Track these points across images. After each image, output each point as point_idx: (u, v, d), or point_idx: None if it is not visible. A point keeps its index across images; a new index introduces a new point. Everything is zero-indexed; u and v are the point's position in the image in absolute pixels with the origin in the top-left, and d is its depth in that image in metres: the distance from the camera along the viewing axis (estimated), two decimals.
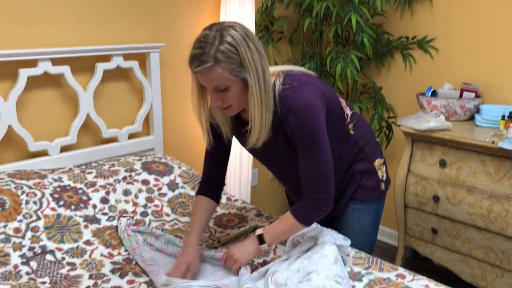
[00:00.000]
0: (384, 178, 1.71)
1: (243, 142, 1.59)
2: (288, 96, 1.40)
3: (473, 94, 2.52)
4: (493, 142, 2.14)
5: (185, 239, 1.61)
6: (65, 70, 2.07)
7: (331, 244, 1.47)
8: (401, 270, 1.53)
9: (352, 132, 1.63)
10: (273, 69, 1.48)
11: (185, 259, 1.50)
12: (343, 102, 1.63)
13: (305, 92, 1.41)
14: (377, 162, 1.69)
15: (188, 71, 1.94)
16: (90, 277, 1.54)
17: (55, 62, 2.04)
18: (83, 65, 2.16)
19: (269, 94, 1.38)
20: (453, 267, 2.43)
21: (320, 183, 1.44)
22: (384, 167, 1.73)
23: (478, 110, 2.51)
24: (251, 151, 1.62)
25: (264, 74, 1.36)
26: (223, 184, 1.72)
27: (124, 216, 1.89)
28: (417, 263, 2.81)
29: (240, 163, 2.74)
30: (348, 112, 1.63)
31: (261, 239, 1.49)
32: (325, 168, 1.44)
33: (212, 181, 1.69)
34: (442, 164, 2.36)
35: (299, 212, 1.47)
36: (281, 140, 1.48)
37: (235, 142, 1.70)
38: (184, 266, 1.48)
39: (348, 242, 1.55)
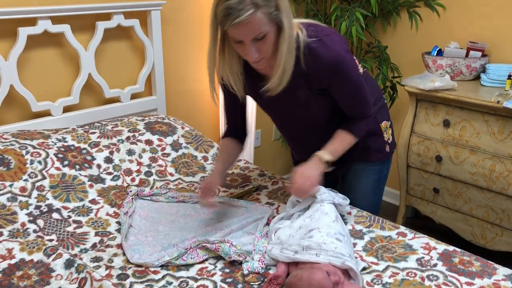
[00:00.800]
0: (389, 141, 1.71)
1: (257, 95, 1.57)
2: (318, 49, 1.39)
3: (479, 53, 2.48)
4: (498, 102, 2.12)
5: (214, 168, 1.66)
6: (66, 29, 2.04)
7: (329, 202, 1.49)
8: (402, 229, 1.55)
9: None
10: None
11: (206, 180, 1.58)
12: (356, 58, 1.61)
13: (334, 43, 1.41)
14: (384, 124, 1.69)
15: (190, 29, 1.89)
16: (96, 234, 1.58)
17: (55, 20, 2.01)
18: (83, 24, 2.13)
19: (293, 39, 1.36)
20: (454, 226, 2.47)
21: (363, 105, 1.54)
22: (391, 130, 1.73)
23: (484, 70, 2.47)
24: (264, 104, 1.62)
25: (291, 15, 1.35)
26: (246, 133, 1.75)
27: (129, 175, 1.90)
28: (418, 222, 2.85)
29: None
30: (360, 68, 1.59)
31: (321, 158, 1.50)
32: (364, 94, 1.52)
33: (235, 129, 1.72)
34: (446, 124, 2.35)
35: (353, 128, 1.54)
36: (304, 91, 1.48)
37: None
38: (204, 184, 1.55)
39: (347, 201, 1.57)
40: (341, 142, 1.54)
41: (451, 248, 1.45)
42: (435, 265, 1.37)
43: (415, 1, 2.77)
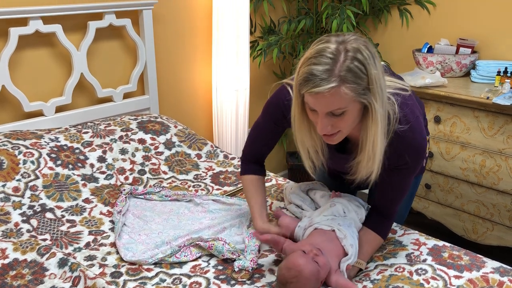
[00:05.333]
0: (427, 155, 1.58)
1: (337, 165, 1.42)
2: (407, 135, 1.24)
3: (469, 50, 2.51)
4: (487, 98, 2.15)
5: (253, 224, 1.51)
6: (57, 28, 2.04)
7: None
8: (393, 225, 1.57)
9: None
10: None
11: (263, 230, 1.43)
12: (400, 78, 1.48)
13: (420, 128, 1.28)
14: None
15: (181, 28, 1.89)
16: (90, 233, 1.58)
17: (47, 20, 2.01)
18: (75, 24, 2.13)
19: (386, 120, 1.20)
20: (445, 221, 2.49)
21: (395, 207, 1.41)
22: (428, 144, 1.60)
23: (474, 66, 2.50)
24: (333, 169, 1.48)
25: (384, 96, 1.17)
26: (264, 161, 1.60)
27: (122, 174, 1.91)
28: (410, 218, 2.85)
29: (236, 121, 2.75)
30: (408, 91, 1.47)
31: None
32: (404, 196, 1.40)
33: (256, 159, 1.57)
34: (437, 120, 2.38)
35: (381, 230, 1.42)
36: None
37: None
38: (269, 238, 1.39)
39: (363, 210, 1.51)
40: (373, 248, 1.42)
41: (440, 243, 1.47)
42: (425, 260, 1.38)
43: None
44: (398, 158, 1.28)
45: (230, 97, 2.68)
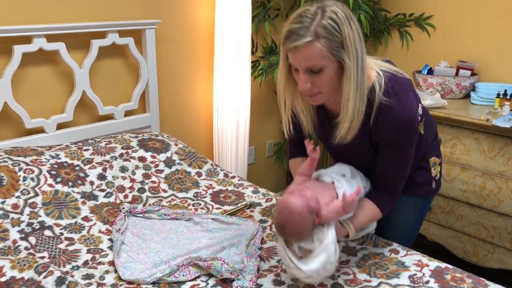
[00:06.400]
0: (437, 178, 1.63)
1: (326, 137, 1.49)
2: (393, 107, 1.31)
3: (469, 72, 2.53)
4: (487, 120, 2.16)
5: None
6: (60, 46, 2.05)
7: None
8: (395, 246, 1.56)
9: (423, 132, 1.54)
10: (369, 60, 1.37)
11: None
12: (417, 97, 1.52)
13: (409, 102, 1.33)
14: (433, 159, 1.60)
15: (183, 48, 1.90)
16: (88, 251, 1.57)
17: (50, 38, 2.02)
18: (78, 42, 2.15)
19: (364, 83, 1.27)
20: (446, 242, 2.48)
21: (397, 185, 1.44)
22: (439, 168, 1.64)
23: (474, 88, 2.52)
24: (330, 146, 1.50)
25: (363, 61, 1.25)
26: None
27: (122, 192, 1.90)
28: None
29: (237, 140, 2.75)
30: (419, 110, 1.48)
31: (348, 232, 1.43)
32: (405, 173, 1.43)
33: (298, 145, 1.63)
34: None
35: (382, 204, 1.44)
36: (367, 142, 1.41)
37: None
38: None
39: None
40: (368, 217, 1.45)
41: (443, 265, 1.46)
42: (427, 282, 1.37)
43: (406, 21, 2.83)
44: (387, 132, 1.34)
45: (231, 116, 2.69)
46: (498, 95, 2.34)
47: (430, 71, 2.61)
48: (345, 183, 1.40)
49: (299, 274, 1.27)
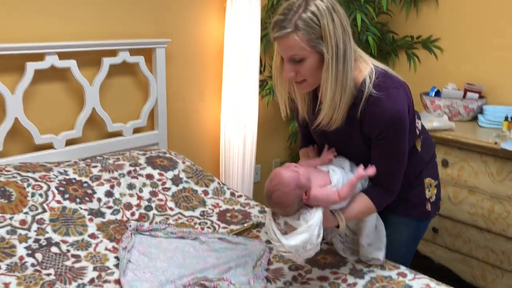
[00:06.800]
0: (432, 200, 1.61)
1: (311, 122, 1.52)
2: (382, 100, 1.35)
3: (476, 95, 2.53)
4: (495, 143, 2.15)
5: None
6: (72, 64, 2.08)
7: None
8: (403, 269, 1.55)
9: (419, 149, 1.55)
10: (363, 53, 1.44)
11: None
12: (416, 113, 1.56)
13: (398, 97, 1.36)
14: (428, 180, 1.59)
15: (193, 67, 1.91)
16: (94, 269, 1.57)
17: (62, 56, 2.05)
18: (89, 59, 2.18)
19: (346, 73, 1.32)
20: (453, 266, 2.45)
21: (393, 180, 1.46)
22: (435, 190, 1.62)
23: (481, 111, 2.52)
24: (321, 135, 1.54)
25: (345, 52, 1.30)
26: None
27: (129, 210, 1.90)
28: (417, 262, 2.80)
29: (243, 159, 2.75)
30: (418, 125, 1.53)
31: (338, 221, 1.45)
32: (399, 169, 1.45)
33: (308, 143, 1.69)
34: (444, 164, 2.37)
35: (378, 200, 1.46)
36: (356, 133, 1.44)
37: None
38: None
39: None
40: (360, 209, 1.45)
41: None
42: None
43: (413, 43, 2.85)
44: (374, 124, 1.37)
45: (238, 134, 2.70)
46: (506, 118, 2.34)
47: (438, 93, 2.62)
48: (339, 172, 1.44)
49: (280, 248, 1.33)
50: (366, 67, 1.39)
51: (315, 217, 1.32)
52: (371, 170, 1.42)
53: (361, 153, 1.48)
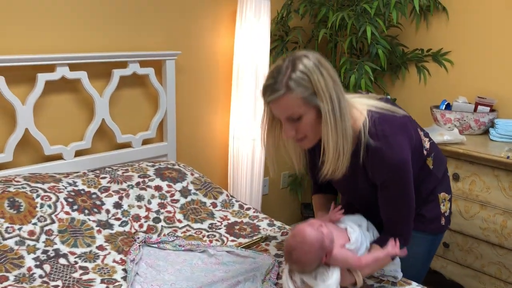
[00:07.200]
0: (446, 214, 1.63)
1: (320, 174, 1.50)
2: (382, 150, 1.35)
3: (488, 108, 2.51)
4: (508, 157, 2.12)
5: None
6: (82, 75, 2.09)
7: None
8: (414, 285, 1.52)
9: (431, 167, 1.56)
10: (354, 99, 1.43)
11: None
12: (421, 133, 1.56)
13: (398, 144, 1.36)
14: (442, 195, 1.61)
15: (202, 79, 1.90)
16: (102, 281, 1.55)
17: (73, 67, 2.07)
18: (100, 71, 2.19)
19: (345, 122, 1.33)
20: (465, 282, 2.41)
21: (402, 225, 1.46)
22: (449, 204, 1.64)
23: (493, 124, 2.49)
24: (329, 181, 1.56)
25: (340, 102, 1.32)
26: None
27: (137, 221, 1.90)
28: (428, 277, 2.77)
29: (252, 171, 2.74)
30: (426, 144, 1.54)
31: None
32: (407, 213, 1.45)
33: (321, 186, 1.68)
34: (455, 178, 2.35)
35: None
36: (362, 179, 1.44)
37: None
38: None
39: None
40: (378, 265, 1.43)
41: None
42: None
43: (423, 56, 2.84)
44: (378, 173, 1.39)
45: (246, 146, 2.69)
46: None
47: (448, 107, 2.60)
48: (357, 230, 1.43)
49: None
50: (360, 116, 1.39)
51: (333, 277, 1.31)
52: (402, 252, 1.40)
53: (370, 195, 1.48)
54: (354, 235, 1.41)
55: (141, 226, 1.90)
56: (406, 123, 1.44)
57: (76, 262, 1.63)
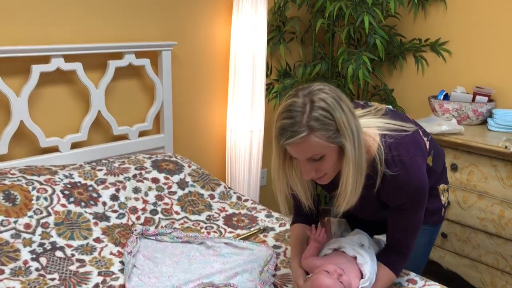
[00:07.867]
0: (445, 204, 1.63)
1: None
2: (400, 176, 1.30)
3: (486, 98, 2.50)
4: (506, 147, 2.12)
5: (291, 265, 1.52)
6: (78, 66, 2.07)
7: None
8: (412, 275, 1.52)
9: (431, 164, 1.53)
10: (364, 121, 1.35)
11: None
12: (420, 132, 1.51)
13: (416, 168, 1.33)
14: (442, 186, 1.60)
15: (199, 70, 1.90)
16: (99, 274, 1.55)
17: (68, 58, 2.04)
18: (95, 62, 2.16)
19: (362, 156, 1.26)
20: (462, 272, 2.41)
21: (408, 244, 1.44)
22: (447, 194, 1.64)
23: (491, 114, 2.48)
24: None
25: (359, 136, 1.26)
26: (317, 212, 1.61)
27: (134, 214, 1.89)
28: (426, 267, 2.78)
29: (250, 162, 2.73)
30: (427, 144, 1.50)
31: None
32: (415, 233, 1.43)
33: (304, 215, 1.59)
34: (454, 168, 2.34)
35: (395, 267, 1.44)
36: (372, 201, 1.41)
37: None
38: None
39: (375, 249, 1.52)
40: (384, 284, 1.42)
41: None
42: None
43: (421, 46, 2.82)
44: (395, 199, 1.35)
45: (244, 138, 2.68)
46: None
47: (446, 97, 2.59)
48: (368, 259, 1.39)
49: None
50: (374, 143, 1.33)
51: None
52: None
53: (378, 213, 1.46)
54: (367, 268, 1.36)
55: (138, 218, 1.89)
56: (417, 139, 1.41)
57: (72, 255, 1.62)
